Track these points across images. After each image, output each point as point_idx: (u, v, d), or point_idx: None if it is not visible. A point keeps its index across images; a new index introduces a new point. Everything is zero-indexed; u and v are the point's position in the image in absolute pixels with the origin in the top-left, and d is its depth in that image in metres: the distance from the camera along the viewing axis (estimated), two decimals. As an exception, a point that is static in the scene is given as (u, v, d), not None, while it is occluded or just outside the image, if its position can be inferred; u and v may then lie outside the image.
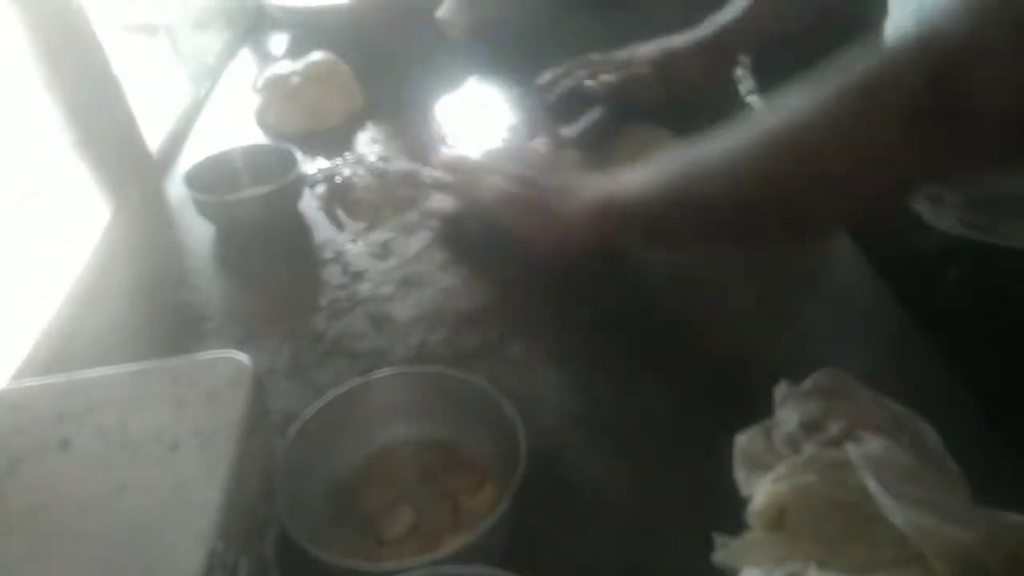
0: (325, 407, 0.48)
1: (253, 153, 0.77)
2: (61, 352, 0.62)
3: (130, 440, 0.40)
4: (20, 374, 0.58)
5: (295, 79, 0.91)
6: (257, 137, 0.90)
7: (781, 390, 0.50)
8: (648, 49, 0.84)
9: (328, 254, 0.71)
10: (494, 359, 0.58)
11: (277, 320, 0.64)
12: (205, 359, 0.45)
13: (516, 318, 0.62)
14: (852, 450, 0.43)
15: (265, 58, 1.13)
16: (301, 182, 0.75)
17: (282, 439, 0.46)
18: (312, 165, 0.83)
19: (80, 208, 0.76)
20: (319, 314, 0.64)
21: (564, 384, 0.56)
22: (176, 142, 0.90)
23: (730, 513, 0.44)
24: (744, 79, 1.58)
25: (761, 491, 0.43)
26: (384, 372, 0.50)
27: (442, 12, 1.10)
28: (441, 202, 0.72)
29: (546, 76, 0.91)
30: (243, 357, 0.45)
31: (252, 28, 1.19)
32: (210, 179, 0.74)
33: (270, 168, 0.76)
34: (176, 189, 0.81)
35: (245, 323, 0.64)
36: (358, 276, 0.68)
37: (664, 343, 0.58)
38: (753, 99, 1.53)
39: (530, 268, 0.64)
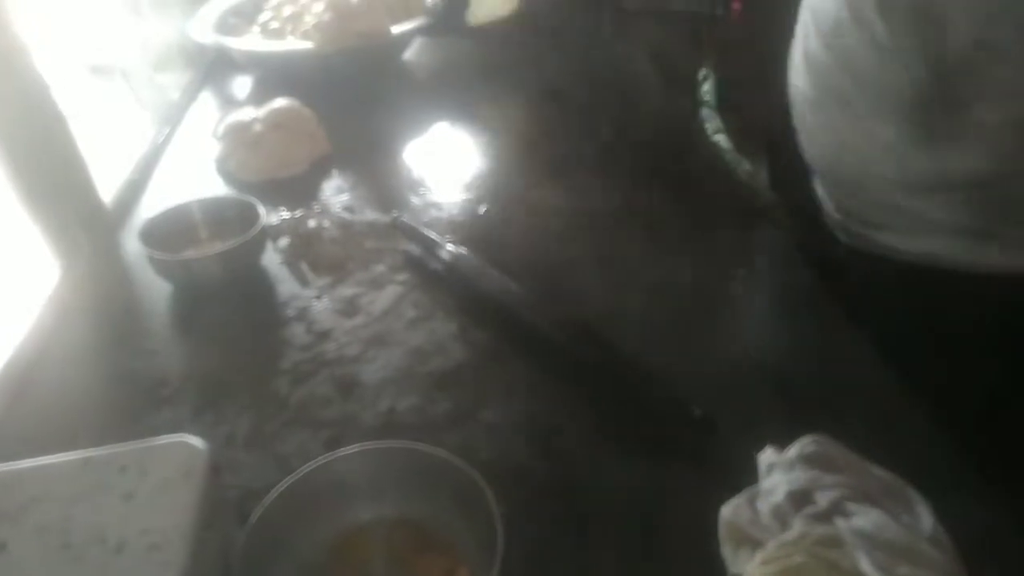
0: (288, 489, 0.45)
1: (212, 205, 0.74)
2: (1, 427, 0.58)
3: (72, 541, 0.36)
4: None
5: (257, 126, 0.89)
6: (218, 186, 0.88)
7: (766, 457, 0.49)
8: None
9: (291, 312, 0.68)
10: (467, 426, 0.56)
11: (238, 385, 0.61)
12: (156, 445, 0.42)
13: (489, 379, 0.60)
14: (843, 526, 0.41)
15: (227, 102, 1.11)
16: (263, 236, 0.72)
17: (241, 527, 0.42)
18: (275, 215, 0.81)
19: (27, 265, 0.72)
20: (282, 378, 0.61)
21: (540, 450, 0.54)
22: (133, 192, 0.87)
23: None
24: (710, 118, 1.60)
25: (750, 573, 0.41)
26: (350, 449, 0.47)
27: (410, 55, 1.08)
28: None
29: None
30: (197, 442, 0.42)
31: (213, 71, 1.17)
32: (167, 234, 0.71)
33: (230, 221, 0.73)
34: (133, 243, 0.77)
35: (203, 389, 0.61)
36: (323, 336, 0.65)
37: (642, 402, 0.56)
38: (720, 138, 1.54)
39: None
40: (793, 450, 0.48)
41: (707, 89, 1.60)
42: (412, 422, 0.56)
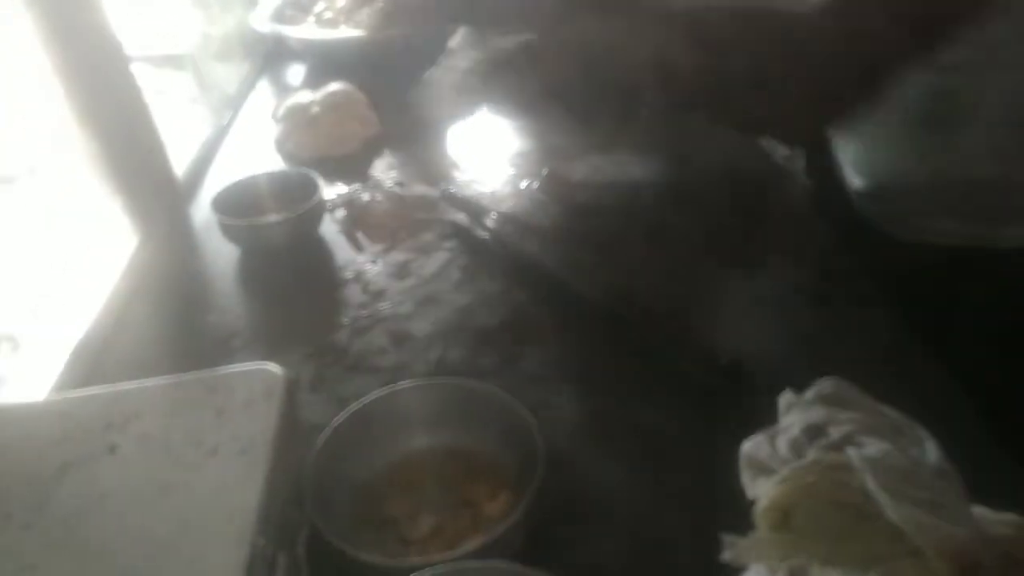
0: (350, 418, 0.50)
1: (277, 178, 0.80)
2: (94, 370, 0.64)
3: (173, 446, 0.42)
4: (57, 389, 0.61)
5: (314, 108, 0.95)
6: (277, 164, 0.94)
7: (786, 399, 0.53)
8: None
9: (348, 275, 0.74)
10: (510, 374, 0.61)
11: (301, 338, 0.67)
12: (240, 371, 0.48)
13: (530, 336, 0.65)
14: (853, 453, 0.45)
15: (283, 88, 1.18)
16: (323, 206, 0.78)
17: (310, 448, 0.48)
18: (331, 190, 0.87)
19: (109, 233, 0.79)
20: (341, 331, 0.67)
21: (576, 397, 0.59)
22: (200, 169, 0.94)
23: (737, 515, 0.46)
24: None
25: (766, 493, 0.45)
26: (405, 384, 0.53)
27: (455, 44, 1.14)
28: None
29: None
30: (276, 368, 0.47)
31: (270, 59, 1.24)
32: (235, 204, 0.77)
33: (292, 193, 0.79)
34: (200, 214, 0.84)
35: (270, 341, 0.67)
36: (378, 295, 0.71)
37: (672, 354, 0.61)
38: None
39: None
40: (811, 392, 0.52)
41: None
42: (460, 369, 0.62)
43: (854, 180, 0.75)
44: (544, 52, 0.62)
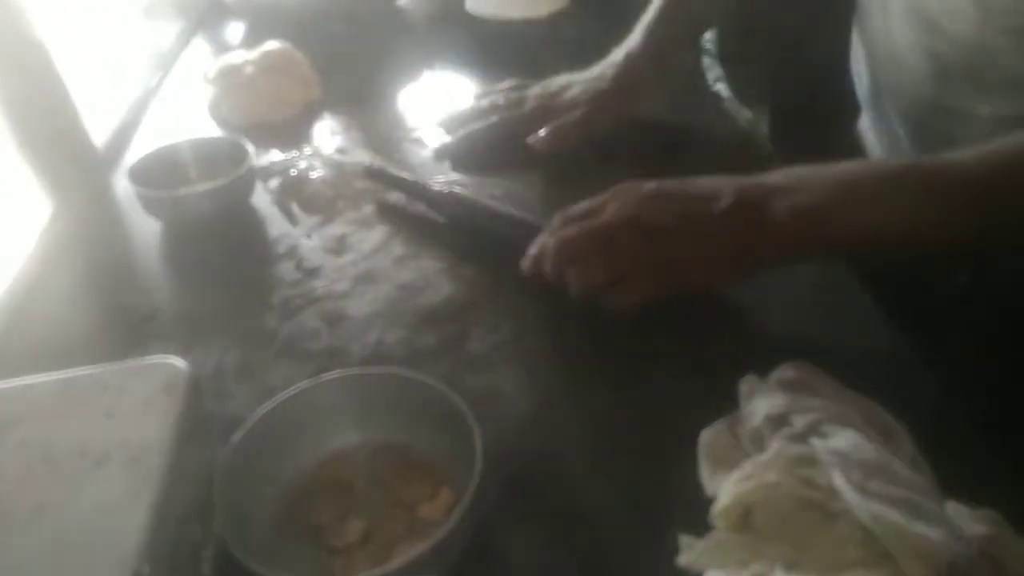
0: (271, 412, 0.45)
1: (202, 146, 0.74)
2: (-4, 358, 0.58)
3: (53, 456, 0.37)
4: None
5: (248, 68, 0.88)
6: (211, 130, 0.87)
7: (747, 383, 0.49)
8: (570, 88, 0.78)
9: (281, 249, 0.68)
10: (453, 357, 0.56)
11: (227, 320, 0.61)
12: (138, 365, 0.42)
13: (476, 316, 0.60)
14: (818, 445, 0.42)
15: (221, 48, 1.09)
16: (253, 175, 0.72)
17: (225, 448, 0.43)
18: (266, 158, 0.80)
19: (18, 204, 0.72)
20: (271, 313, 0.61)
21: (525, 382, 0.54)
22: (125, 135, 0.87)
23: (697, 512, 0.42)
24: (711, 67, 1.57)
25: (726, 490, 0.42)
26: (335, 374, 0.48)
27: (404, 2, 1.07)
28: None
29: (451, 117, 0.82)
30: (179, 362, 0.42)
31: (206, 17, 1.15)
32: (157, 174, 0.71)
33: (220, 161, 0.72)
34: (122, 184, 0.77)
35: (193, 324, 0.61)
36: (312, 273, 0.65)
37: (627, 339, 0.56)
38: (721, 87, 1.52)
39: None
40: (773, 376, 0.48)
41: (708, 37, 1.56)
42: (399, 354, 0.57)
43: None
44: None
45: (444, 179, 0.71)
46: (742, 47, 1.52)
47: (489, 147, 0.78)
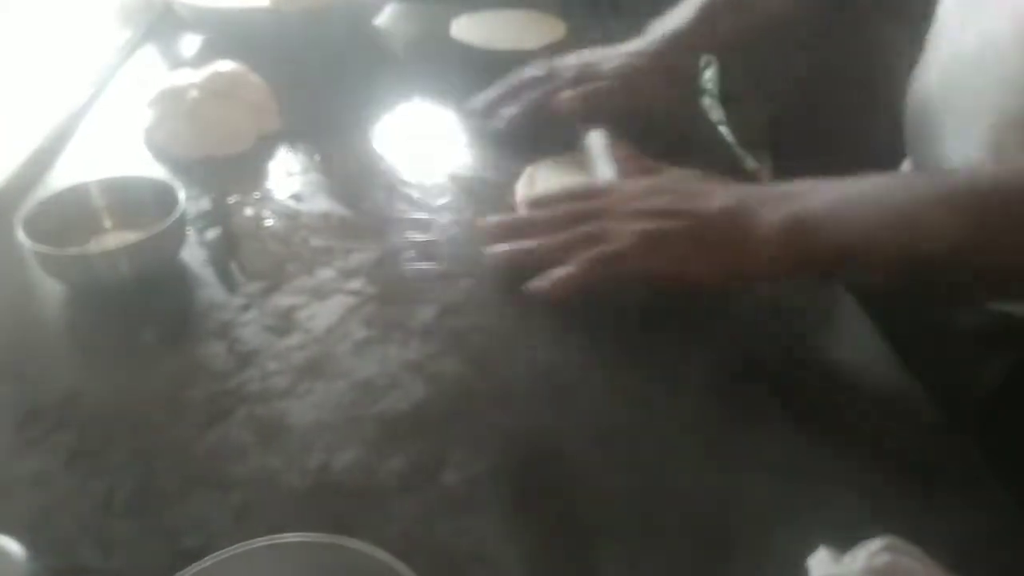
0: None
1: (119, 187, 0.60)
2: None
3: None
4: None
5: (193, 92, 0.74)
6: (144, 163, 0.73)
7: (820, 562, 0.36)
8: (609, 59, 0.76)
9: (211, 325, 0.54)
10: (424, 492, 0.43)
11: (130, 424, 0.47)
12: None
13: (456, 431, 0.46)
14: None
15: (173, 65, 0.95)
16: (182, 227, 0.58)
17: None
18: (206, 201, 0.66)
19: None
20: (188, 415, 0.47)
21: (522, 534, 0.41)
22: (38, 169, 0.72)
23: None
24: (713, 109, 1.47)
25: None
26: (256, 543, 0.34)
27: (382, 21, 0.94)
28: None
29: (483, 97, 0.79)
30: (15, 551, 0.28)
31: (156, 28, 1.01)
32: (61, 223, 0.57)
33: (143, 207, 0.59)
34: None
35: (84, 427, 0.47)
36: (247, 359, 0.51)
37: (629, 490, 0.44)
38: (724, 130, 1.41)
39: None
40: (860, 560, 0.35)
41: (709, 77, 1.47)
42: (350, 485, 0.43)
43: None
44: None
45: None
46: (746, 88, 1.44)
47: (536, 128, 0.74)
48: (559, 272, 0.52)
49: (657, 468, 0.44)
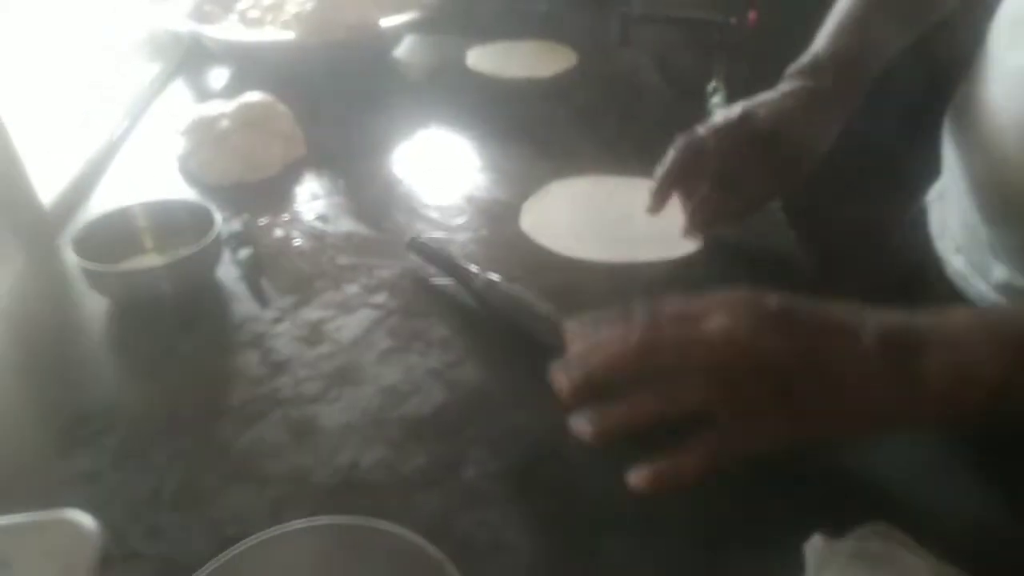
0: (209, 577, 0.35)
1: (160, 210, 0.64)
2: None
3: None
4: None
5: (224, 122, 0.79)
6: (179, 188, 0.78)
7: (814, 548, 0.39)
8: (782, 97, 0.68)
9: (246, 336, 0.58)
10: (445, 486, 0.46)
11: (173, 426, 0.51)
12: (30, 523, 0.32)
13: (474, 432, 0.50)
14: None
15: (202, 96, 1.01)
16: (218, 247, 0.63)
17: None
18: (238, 223, 0.71)
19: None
20: (227, 418, 0.51)
21: (533, 521, 0.44)
22: (81, 193, 0.77)
23: None
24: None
25: None
26: (294, 524, 0.38)
27: (401, 52, 0.99)
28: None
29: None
30: (86, 522, 0.32)
31: (187, 62, 1.07)
32: (106, 242, 0.61)
33: (181, 228, 0.63)
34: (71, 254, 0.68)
35: (130, 429, 0.51)
36: (280, 367, 0.55)
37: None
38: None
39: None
40: (850, 543, 0.38)
41: (717, 101, 1.50)
42: (377, 480, 0.47)
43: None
44: None
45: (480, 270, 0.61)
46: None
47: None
48: (668, 467, 0.40)
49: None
